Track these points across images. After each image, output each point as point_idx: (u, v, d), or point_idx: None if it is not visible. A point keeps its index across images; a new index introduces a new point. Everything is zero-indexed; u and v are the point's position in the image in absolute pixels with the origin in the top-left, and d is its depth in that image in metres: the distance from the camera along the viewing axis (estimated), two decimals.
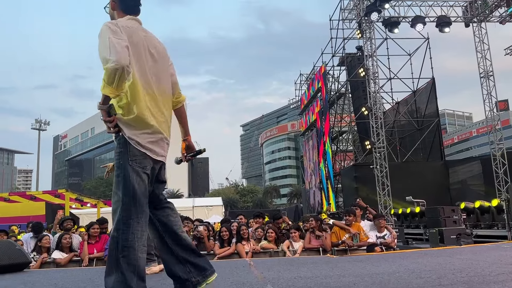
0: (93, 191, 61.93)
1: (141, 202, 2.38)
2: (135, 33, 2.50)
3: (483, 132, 66.78)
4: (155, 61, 2.61)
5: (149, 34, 2.68)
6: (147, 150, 2.43)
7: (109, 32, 2.33)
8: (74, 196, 15.09)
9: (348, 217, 7.29)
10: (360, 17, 18.99)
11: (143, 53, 2.52)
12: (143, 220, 2.38)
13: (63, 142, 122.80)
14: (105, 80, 2.23)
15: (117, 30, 2.38)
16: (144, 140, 2.42)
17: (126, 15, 2.63)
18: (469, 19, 18.89)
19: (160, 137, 2.53)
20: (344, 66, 24.37)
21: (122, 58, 2.23)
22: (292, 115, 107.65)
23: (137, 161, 2.39)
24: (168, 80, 2.74)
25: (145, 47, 2.56)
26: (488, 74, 18.21)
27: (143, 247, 2.34)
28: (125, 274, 2.25)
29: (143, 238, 2.36)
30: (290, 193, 75.85)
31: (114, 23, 2.45)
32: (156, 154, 2.49)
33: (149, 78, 2.52)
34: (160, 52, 2.68)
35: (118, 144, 2.43)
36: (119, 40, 2.31)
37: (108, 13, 2.73)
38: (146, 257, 2.41)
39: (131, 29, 2.49)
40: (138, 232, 2.33)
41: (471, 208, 10.93)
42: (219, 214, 24.41)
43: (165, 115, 2.61)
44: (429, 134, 21.62)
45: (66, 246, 6.53)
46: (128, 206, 2.34)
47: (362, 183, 19.47)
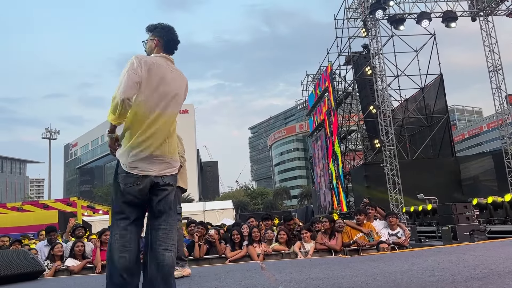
0: (104, 198, 62.37)
1: (122, 209, 2.78)
2: (156, 67, 2.85)
3: (494, 126, 66.04)
4: (166, 94, 2.90)
5: (173, 71, 3.02)
6: (131, 168, 2.76)
7: (130, 66, 2.75)
8: (86, 203, 15.21)
9: (359, 216, 7.26)
10: (365, 15, 18.91)
11: (154, 83, 2.83)
12: (121, 224, 2.76)
13: (74, 150, 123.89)
14: (111, 108, 2.66)
15: (138, 65, 2.77)
16: (129, 159, 2.76)
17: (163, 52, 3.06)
18: (476, 13, 18.71)
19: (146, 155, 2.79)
20: (351, 65, 24.27)
21: (127, 92, 2.66)
22: (299, 116, 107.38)
23: (120, 178, 2.78)
24: (173, 111, 2.97)
25: (161, 79, 2.87)
26: (496, 68, 18.01)
27: (122, 247, 2.70)
28: (110, 271, 2.70)
29: (123, 239, 2.72)
30: (300, 194, 75.64)
31: (139, 57, 2.82)
32: (141, 170, 2.77)
33: (153, 107, 2.81)
34: (174, 90, 2.97)
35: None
36: (134, 75, 2.72)
37: (145, 47, 3.16)
38: (126, 256, 2.70)
39: (154, 64, 2.85)
40: (117, 235, 2.74)
41: (484, 204, 10.79)
42: (230, 217, 24.42)
43: (163, 136, 2.87)
44: (439, 131, 21.42)
45: (79, 253, 6.58)
46: (112, 215, 2.84)
47: (373, 182, 19.34)
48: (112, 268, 2.69)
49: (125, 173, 2.75)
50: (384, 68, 18.54)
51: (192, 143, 79.45)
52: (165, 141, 2.85)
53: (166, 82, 2.89)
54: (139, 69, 2.73)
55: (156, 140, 2.79)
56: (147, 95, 2.78)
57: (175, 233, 2.91)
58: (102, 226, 14.17)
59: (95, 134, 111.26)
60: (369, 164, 21.77)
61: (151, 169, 2.76)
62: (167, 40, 3.07)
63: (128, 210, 2.77)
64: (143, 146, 2.75)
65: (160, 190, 2.82)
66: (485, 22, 18.49)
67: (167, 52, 3.07)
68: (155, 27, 3.09)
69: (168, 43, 3.07)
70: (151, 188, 2.79)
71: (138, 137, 2.74)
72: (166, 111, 2.86)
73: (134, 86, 2.69)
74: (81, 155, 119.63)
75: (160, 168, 2.81)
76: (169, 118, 2.90)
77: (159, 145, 2.81)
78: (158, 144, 2.80)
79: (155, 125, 2.79)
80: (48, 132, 47.83)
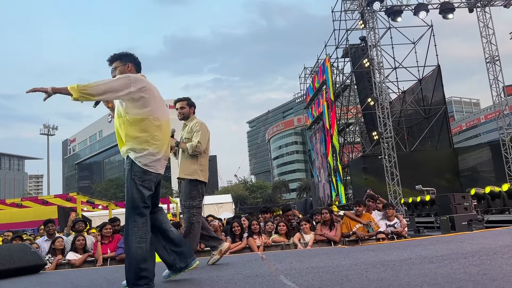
0: (103, 193, 62.40)
1: (139, 204, 3.08)
2: (150, 84, 3.34)
3: (492, 118, 66.10)
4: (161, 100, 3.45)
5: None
6: (149, 167, 3.17)
7: (126, 80, 3.20)
8: (85, 199, 15.20)
9: (358, 207, 7.29)
10: (362, 7, 18.88)
11: (157, 96, 3.35)
12: (140, 218, 3.07)
13: (72, 146, 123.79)
14: (88, 89, 2.99)
15: (133, 83, 3.21)
16: (148, 160, 3.16)
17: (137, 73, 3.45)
18: (473, 4, 18.70)
19: (160, 157, 3.27)
20: (348, 58, 24.25)
21: (103, 95, 3.13)
22: (298, 109, 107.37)
23: (137, 176, 3.12)
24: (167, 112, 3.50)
25: (157, 92, 3.41)
26: (494, 59, 18.05)
27: (140, 239, 3.01)
28: (130, 262, 2.98)
29: (140, 232, 3.03)
30: (299, 187, 75.75)
31: (137, 78, 3.26)
32: (156, 169, 3.23)
33: (159, 113, 3.30)
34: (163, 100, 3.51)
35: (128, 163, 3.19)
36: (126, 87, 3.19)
37: (113, 74, 3.43)
38: (147, 247, 3.03)
39: (149, 83, 3.33)
40: (135, 228, 3.03)
41: (482, 194, 10.84)
42: (229, 211, 24.52)
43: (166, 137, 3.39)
44: (436, 122, 21.46)
45: (80, 247, 6.62)
46: (129, 209, 3.09)
47: (371, 174, 19.41)
48: (132, 259, 2.98)
49: (142, 172, 3.13)
50: (381, 60, 18.58)
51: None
52: (168, 145, 3.41)
53: (160, 95, 3.43)
54: (133, 86, 3.15)
55: (165, 144, 3.31)
56: (155, 106, 3.25)
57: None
58: (101, 220, 14.17)
59: (93, 130, 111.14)
60: (368, 156, 21.83)
61: (160, 168, 3.26)
62: (137, 63, 3.47)
63: (144, 205, 3.11)
64: (158, 149, 3.22)
65: (159, 184, 3.34)
66: (482, 13, 18.50)
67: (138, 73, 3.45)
68: (122, 55, 3.44)
69: (139, 65, 3.48)
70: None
71: (155, 142, 3.20)
72: (167, 119, 3.39)
73: (112, 95, 3.12)
74: (79, 151, 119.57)
75: (164, 167, 3.33)
76: (168, 125, 3.46)
77: (167, 148, 3.35)
78: (166, 147, 3.33)
79: (163, 132, 3.30)
80: (46, 128, 47.76)
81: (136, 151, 3.13)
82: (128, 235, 3.04)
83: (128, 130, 3.17)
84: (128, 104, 3.17)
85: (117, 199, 34.27)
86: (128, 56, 3.45)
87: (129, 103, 3.17)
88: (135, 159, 3.12)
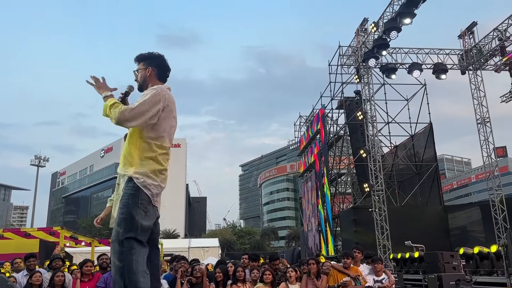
0: (88, 230, 60.94)
1: (141, 235, 2.77)
2: (171, 103, 3.01)
3: (482, 178, 66.70)
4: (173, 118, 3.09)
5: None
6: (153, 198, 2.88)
7: (152, 97, 2.92)
8: (69, 234, 14.83)
9: (346, 259, 7.20)
10: (358, 63, 19.51)
11: (171, 117, 3.02)
12: (142, 250, 2.75)
13: (61, 179, 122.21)
14: (113, 113, 2.80)
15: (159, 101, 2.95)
16: (154, 190, 2.87)
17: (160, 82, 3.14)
18: (465, 67, 19.40)
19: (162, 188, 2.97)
20: (343, 109, 24.74)
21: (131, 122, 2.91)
22: (291, 156, 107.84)
23: (143, 206, 2.82)
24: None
25: (172, 112, 3.04)
26: (485, 121, 18.46)
27: (143, 272, 2.68)
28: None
29: (144, 264, 2.71)
30: (288, 235, 74.65)
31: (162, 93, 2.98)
32: (157, 201, 2.93)
33: (168, 136, 3.01)
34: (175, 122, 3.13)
35: (129, 187, 2.84)
36: (157, 105, 2.95)
37: (136, 76, 3.18)
38: (148, 281, 2.70)
39: (171, 100, 3.01)
40: (139, 260, 2.69)
41: (470, 254, 10.78)
42: (215, 256, 23.96)
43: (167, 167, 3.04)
44: (427, 179, 21.60)
45: (58, 283, 6.41)
46: (131, 239, 2.73)
47: (361, 226, 19.26)
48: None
49: (148, 201, 2.86)
50: (375, 114, 18.95)
51: (182, 178, 78.86)
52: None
53: (174, 115, 3.07)
54: (158, 106, 2.89)
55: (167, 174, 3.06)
56: (167, 130, 3.00)
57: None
58: (83, 257, 13.80)
59: (85, 164, 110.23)
60: (358, 208, 21.75)
61: (157, 200, 2.99)
62: (161, 69, 3.12)
63: (145, 236, 2.84)
64: (163, 179, 2.97)
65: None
66: (474, 75, 19.14)
67: (161, 81, 3.12)
68: (146, 56, 3.11)
69: (163, 71, 3.13)
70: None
71: (163, 172, 2.97)
72: (171, 143, 3.10)
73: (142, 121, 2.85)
74: (68, 184, 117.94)
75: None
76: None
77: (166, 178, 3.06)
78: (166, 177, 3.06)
79: (168, 159, 3.04)
80: (37, 159, 47.35)
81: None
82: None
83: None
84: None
85: (101, 236, 33.45)
86: (151, 58, 3.15)
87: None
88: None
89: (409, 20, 16.20)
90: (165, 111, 2.91)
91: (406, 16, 16.13)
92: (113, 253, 2.73)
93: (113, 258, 2.72)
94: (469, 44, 19.39)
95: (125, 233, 2.72)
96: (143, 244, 2.77)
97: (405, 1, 15.66)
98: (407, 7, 15.88)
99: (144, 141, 2.89)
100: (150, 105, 2.82)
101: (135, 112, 2.75)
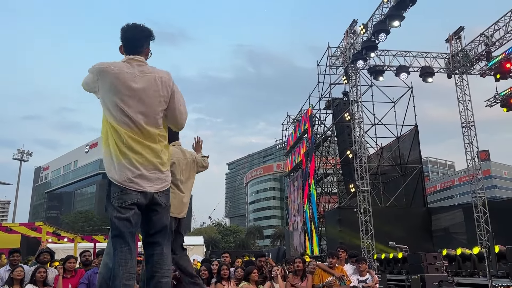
0: (71, 226, 60.16)
1: (123, 234, 2.66)
2: (119, 74, 2.77)
3: (465, 180, 67.66)
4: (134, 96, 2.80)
5: (141, 72, 2.86)
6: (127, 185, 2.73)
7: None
8: (52, 229, 14.59)
9: (332, 259, 7.21)
10: (347, 64, 19.61)
11: (120, 90, 2.76)
12: (125, 249, 2.64)
13: (44, 174, 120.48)
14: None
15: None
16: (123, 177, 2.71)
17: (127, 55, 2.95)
18: (451, 70, 19.64)
19: (139, 173, 2.75)
20: (330, 110, 24.87)
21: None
22: (278, 155, 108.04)
23: (115, 198, 2.71)
24: (154, 114, 2.87)
25: (126, 86, 2.77)
26: (469, 124, 18.71)
27: (128, 274, 2.59)
28: None
29: (127, 265, 2.61)
30: (273, 234, 74.85)
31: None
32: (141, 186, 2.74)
33: (130, 116, 2.75)
34: (146, 89, 2.83)
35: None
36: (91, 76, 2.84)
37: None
38: (132, 284, 2.63)
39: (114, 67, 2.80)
40: (122, 261, 2.61)
41: (453, 255, 10.92)
42: (200, 254, 23.84)
43: (149, 149, 2.82)
44: (412, 181, 21.85)
45: (40, 280, 6.28)
46: (112, 239, 2.70)
47: (346, 226, 19.38)
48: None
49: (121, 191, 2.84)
50: (362, 115, 19.10)
51: None
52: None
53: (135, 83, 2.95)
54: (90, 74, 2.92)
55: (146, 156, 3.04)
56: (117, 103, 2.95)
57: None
58: (65, 253, 13.59)
59: (69, 159, 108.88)
60: (343, 208, 21.89)
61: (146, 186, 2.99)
62: (125, 42, 2.95)
63: (128, 233, 2.75)
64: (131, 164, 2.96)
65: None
66: (460, 79, 19.39)
67: (128, 54, 2.94)
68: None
69: (127, 45, 2.95)
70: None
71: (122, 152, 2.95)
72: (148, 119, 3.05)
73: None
74: (51, 179, 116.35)
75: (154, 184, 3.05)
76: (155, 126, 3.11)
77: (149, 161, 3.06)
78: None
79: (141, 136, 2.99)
80: (20, 153, 46.48)
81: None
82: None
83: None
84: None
85: (84, 233, 33.05)
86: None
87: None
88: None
89: (398, 22, 16.32)
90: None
91: (395, 18, 16.24)
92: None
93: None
94: (456, 48, 19.64)
95: (110, 233, 2.74)
96: (125, 239, 2.67)
97: (394, 4, 15.76)
98: (396, 9, 15.98)
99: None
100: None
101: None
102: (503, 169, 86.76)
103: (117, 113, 2.73)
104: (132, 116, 2.74)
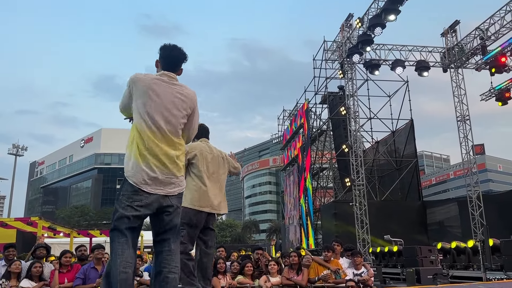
0: (67, 220, 60.04)
1: (120, 227, 2.86)
2: (152, 83, 3.08)
3: (460, 174, 68.09)
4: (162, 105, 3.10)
5: (172, 86, 3.18)
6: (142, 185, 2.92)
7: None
8: (47, 224, 14.59)
9: (327, 253, 7.25)
10: (343, 58, 19.59)
11: (151, 97, 3.05)
12: (122, 240, 2.83)
13: (40, 168, 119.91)
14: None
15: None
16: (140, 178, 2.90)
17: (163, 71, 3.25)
18: (447, 64, 19.67)
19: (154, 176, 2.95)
20: (326, 104, 24.87)
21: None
22: (274, 150, 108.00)
23: (126, 196, 2.91)
24: (177, 125, 3.16)
25: (156, 94, 3.07)
26: (464, 118, 18.77)
27: (125, 262, 2.76)
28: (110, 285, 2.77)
29: (124, 255, 2.78)
30: (269, 228, 75.05)
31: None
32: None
33: (157, 122, 3.02)
34: (175, 102, 3.15)
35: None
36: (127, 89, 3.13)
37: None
38: (130, 271, 2.78)
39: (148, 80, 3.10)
40: (119, 250, 2.79)
41: (448, 249, 11.02)
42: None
43: (168, 154, 3.04)
44: (407, 174, 21.94)
45: (36, 274, 6.29)
46: (111, 232, 2.90)
47: (341, 220, 19.47)
48: (113, 284, 2.76)
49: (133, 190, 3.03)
50: (358, 109, 19.10)
51: None
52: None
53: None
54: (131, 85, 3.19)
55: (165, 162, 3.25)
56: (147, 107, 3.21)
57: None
58: (61, 248, 13.57)
59: (64, 154, 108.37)
60: (339, 202, 21.97)
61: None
62: (165, 60, 3.25)
63: (126, 227, 2.94)
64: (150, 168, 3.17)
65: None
66: (456, 74, 19.42)
67: (167, 70, 3.23)
68: (159, 48, 3.28)
69: (166, 62, 3.24)
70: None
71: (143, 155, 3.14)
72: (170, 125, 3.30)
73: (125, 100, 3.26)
74: (46, 174, 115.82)
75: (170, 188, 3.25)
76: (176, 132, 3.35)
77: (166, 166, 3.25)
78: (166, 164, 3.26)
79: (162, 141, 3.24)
80: (15, 148, 46.31)
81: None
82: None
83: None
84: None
85: (80, 227, 33.02)
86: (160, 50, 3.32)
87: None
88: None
89: (393, 16, 16.32)
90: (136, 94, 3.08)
91: (391, 12, 16.23)
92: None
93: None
94: (451, 42, 19.66)
95: (111, 224, 2.92)
96: (122, 232, 2.85)
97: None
98: (392, 3, 15.97)
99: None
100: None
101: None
102: (497, 163, 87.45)
103: (146, 117, 3.00)
104: (159, 123, 3.02)
